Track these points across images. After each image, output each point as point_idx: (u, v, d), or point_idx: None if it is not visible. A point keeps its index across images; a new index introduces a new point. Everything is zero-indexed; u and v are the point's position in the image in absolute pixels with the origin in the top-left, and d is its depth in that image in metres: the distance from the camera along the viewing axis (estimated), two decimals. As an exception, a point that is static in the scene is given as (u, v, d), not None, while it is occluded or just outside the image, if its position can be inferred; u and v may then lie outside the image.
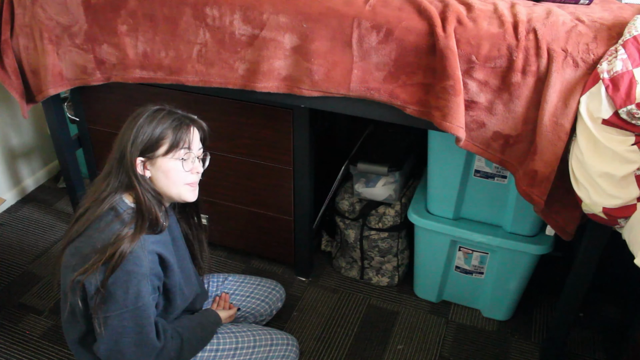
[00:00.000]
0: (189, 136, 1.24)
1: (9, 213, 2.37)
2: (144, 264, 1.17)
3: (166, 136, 1.22)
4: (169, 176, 1.23)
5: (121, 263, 1.13)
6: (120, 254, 1.13)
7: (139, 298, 1.16)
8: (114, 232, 1.17)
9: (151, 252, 1.20)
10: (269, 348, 1.44)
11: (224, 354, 1.39)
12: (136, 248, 1.16)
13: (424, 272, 1.94)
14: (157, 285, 1.24)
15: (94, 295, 1.14)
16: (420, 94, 1.35)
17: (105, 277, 1.13)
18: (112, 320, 1.15)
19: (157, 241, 1.24)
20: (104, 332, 1.16)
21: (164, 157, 1.22)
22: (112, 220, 1.19)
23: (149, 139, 1.21)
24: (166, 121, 1.23)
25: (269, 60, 1.44)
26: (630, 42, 1.15)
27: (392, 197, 1.90)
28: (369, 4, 1.35)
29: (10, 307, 1.91)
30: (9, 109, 2.33)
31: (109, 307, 1.15)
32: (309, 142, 1.72)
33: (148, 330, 1.19)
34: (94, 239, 1.17)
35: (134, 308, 1.16)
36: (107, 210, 1.20)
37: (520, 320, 1.91)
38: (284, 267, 2.11)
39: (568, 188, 1.26)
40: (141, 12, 1.52)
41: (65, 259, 1.22)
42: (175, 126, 1.23)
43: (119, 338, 1.16)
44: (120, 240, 1.15)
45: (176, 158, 1.23)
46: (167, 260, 1.25)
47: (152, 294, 1.21)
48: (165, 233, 1.28)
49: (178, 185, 1.25)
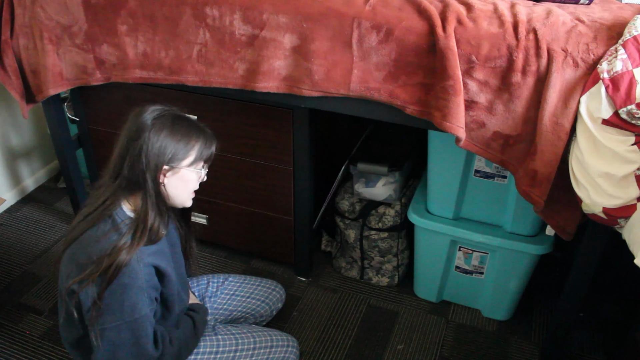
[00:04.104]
0: (211, 152, 1.29)
1: (9, 213, 2.37)
2: (140, 277, 1.16)
3: (195, 148, 1.24)
4: (187, 186, 1.26)
5: (117, 276, 1.12)
6: (116, 266, 1.12)
7: (135, 311, 1.16)
8: (110, 243, 1.15)
9: (147, 265, 1.19)
10: (269, 350, 1.43)
11: (224, 356, 1.39)
12: (132, 261, 1.15)
13: (424, 272, 1.94)
14: (155, 297, 1.23)
15: (90, 307, 1.14)
16: (420, 94, 1.35)
17: (101, 289, 1.13)
18: (109, 332, 1.15)
19: (153, 252, 1.23)
20: (100, 344, 1.15)
21: (188, 168, 1.24)
22: (109, 230, 1.18)
23: (180, 149, 1.21)
24: (196, 134, 1.25)
25: (269, 60, 1.44)
26: (630, 42, 1.15)
27: (392, 197, 1.90)
28: (369, 4, 1.35)
29: (10, 307, 1.91)
30: (9, 109, 2.33)
31: (105, 319, 1.14)
32: (309, 142, 1.72)
33: (145, 342, 1.18)
34: (90, 248, 1.16)
35: (130, 320, 1.15)
36: (105, 219, 1.19)
37: (520, 320, 1.91)
38: (284, 267, 2.11)
39: (568, 188, 1.26)
40: (141, 12, 1.52)
41: (62, 263, 1.21)
42: (205, 141, 1.26)
43: (116, 350, 1.16)
44: (116, 253, 1.13)
45: (197, 169, 1.26)
46: (164, 271, 1.24)
47: (149, 305, 1.20)
48: (163, 241, 1.27)
49: (188, 196, 1.29)
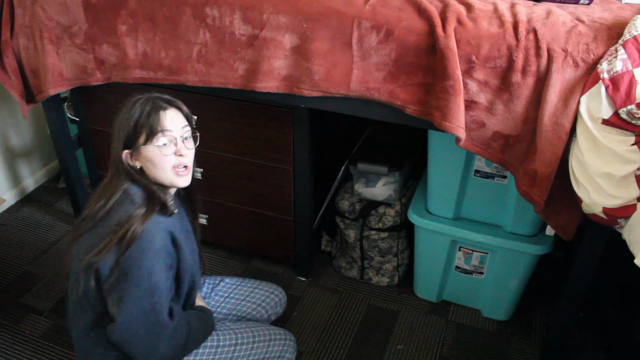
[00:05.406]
0: (163, 119, 1.23)
1: (9, 213, 2.37)
2: (157, 241, 1.19)
3: (143, 125, 1.22)
4: (154, 164, 1.24)
5: (134, 241, 1.16)
6: (133, 232, 1.16)
7: (152, 275, 1.18)
8: (126, 212, 1.19)
9: (164, 230, 1.22)
10: (268, 343, 1.45)
11: (224, 350, 1.40)
12: (148, 226, 1.18)
13: (424, 272, 1.94)
14: (170, 264, 1.25)
15: (109, 275, 1.17)
16: (420, 94, 1.35)
17: (119, 255, 1.16)
18: (126, 299, 1.17)
19: (169, 222, 1.26)
20: (117, 312, 1.17)
21: (145, 146, 1.22)
22: (124, 201, 1.22)
23: (127, 131, 1.22)
24: (140, 109, 1.23)
25: (269, 60, 1.44)
26: (630, 42, 1.15)
27: (392, 197, 1.90)
28: (369, 4, 1.35)
29: (10, 307, 1.91)
30: (9, 109, 2.33)
31: (123, 286, 1.16)
32: (309, 142, 1.72)
33: (160, 309, 1.20)
34: (107, 221, 1.20)
35: (147, 286, 1.17)
36: (118, 194, 1.23)
37: (520, 320, 1.91)
38: (284, 267, 2.11)
39: (568, 188, 1.26)
40: (141, 12, 1.52)
41: (76, 247, 1.24)
42: (147, 112, 1.22)
43: (133, 319, 1.18)
44: (133, 219, 1.18)
45: (156, 144, 1.23)
46: (178, 241, 1.26)
47: (165, 272, 1.22)
48: (177, 220, 1.30)
49: (166, 171, 1.24)
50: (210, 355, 1.37)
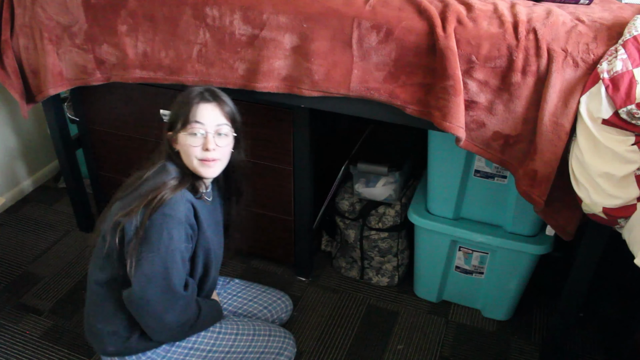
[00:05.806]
0: (198, 111, 1.29)
1: (9, 213, 2.37)
2: (181, 210, 1.24)
3: (181, 112, 1.30)
4: (184, 151, 1.31)
5: (160, 207, 1.21)
6: (160, 198, 1.22)
7: (172, 242, 1.22)
8: (161, 180, 1.27)
9: (189, 201, 1.28)
10: (267, 338, 1.48)
11: (225, 337, 1.43)
12: (177, 195, 1.25)
13: (424, 272, 1.94)
14: (190, 235, 1.28)
15: (132, 236, 1.22)
16: (420, 94, 1.35)
17: (144, 217, 1.21)
18: (144, 262, 1.21)
19: (196, 199, 1.32)
20: (134, 274, 1.21)
21: (180, 133, 1.30)
22: (161, 172, 1.30)
23: (171, 116, 1.33)
24: (188, 97, 1.31)
25: (269, 60, 1.44)
26: (630, 42, 1.15)
27: (392, 197, 1.90)
28: (369, 4, 1.35)
29: (10, 307, 1.91)
30: (9, 109, 2.33)
31: (142, 248, 1.21)
32: (309, 142, 1.72)
33: (174, 277, 1.24)
34: (143, 187, 1.28)
35: (165, 251, 1.21)
36: (157, 168, 1.32)
37: (520, 320, 1.91)
38: (284, 267, 2.11)
39: (568, 188, 1.26)
40: (141, 12, 1.52)
41: (112, 210, 1.31)
42: (190, 102, 1.30)
43: (148, 282, 1.21)
44: (164, 187, 1.25)
45: (187, 133, 1.29)
46: (200, 217, 1.31)
47: (185, 242, 1.26)
48: (207, 207, 1.37)
49: (192, 160, 1.31)
50: (212, 339, 1.42)
